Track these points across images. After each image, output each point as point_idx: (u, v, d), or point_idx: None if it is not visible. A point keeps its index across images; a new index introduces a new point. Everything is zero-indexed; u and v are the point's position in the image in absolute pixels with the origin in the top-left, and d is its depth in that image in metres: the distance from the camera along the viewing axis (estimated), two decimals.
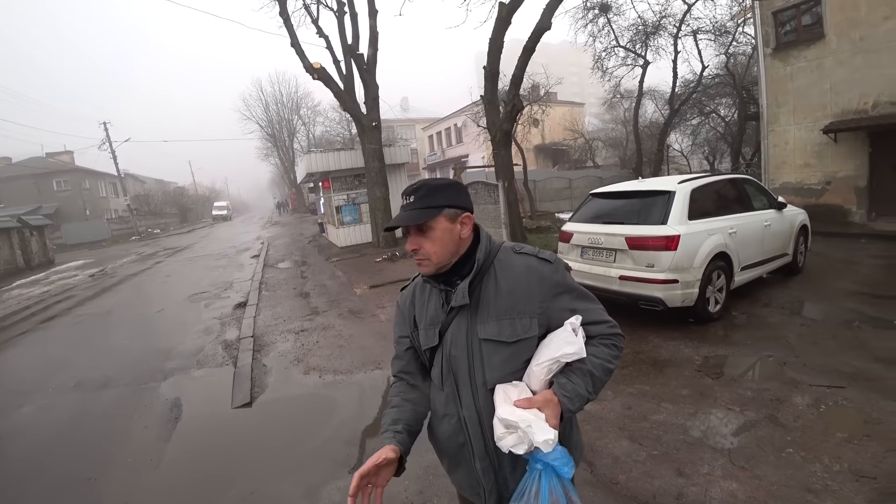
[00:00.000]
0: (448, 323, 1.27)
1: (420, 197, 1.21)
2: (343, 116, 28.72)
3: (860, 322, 4.56)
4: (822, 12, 9.98)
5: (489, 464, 1.23)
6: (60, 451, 3.72)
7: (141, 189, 45.96)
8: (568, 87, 45.19)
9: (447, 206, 1.22)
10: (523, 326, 1.20)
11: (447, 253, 1.23)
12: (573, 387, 1.15)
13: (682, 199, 4.83)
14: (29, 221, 20.17)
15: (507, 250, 1.31)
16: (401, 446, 1.20)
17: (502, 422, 1.11)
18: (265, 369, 5.00)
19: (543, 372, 1.17)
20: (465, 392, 1.24)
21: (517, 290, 1.22)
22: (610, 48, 17.43)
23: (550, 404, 1.12)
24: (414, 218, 1.20)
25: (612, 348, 1.24)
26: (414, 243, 1.22)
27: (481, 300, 1.23)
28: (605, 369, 1.20)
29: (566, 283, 1.26)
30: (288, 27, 12.19)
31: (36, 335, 7.72)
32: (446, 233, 1.22)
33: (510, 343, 1.20)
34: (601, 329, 1.25)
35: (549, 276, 1.24)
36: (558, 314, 1.22)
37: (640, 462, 2.74)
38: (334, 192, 14.78)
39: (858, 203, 10.03)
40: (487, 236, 1.31)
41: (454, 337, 1.25)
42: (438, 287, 1.30)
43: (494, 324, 1.21)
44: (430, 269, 1.24)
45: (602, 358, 1.21)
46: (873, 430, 2.81)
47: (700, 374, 3.79)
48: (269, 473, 3.07)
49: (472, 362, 1.23)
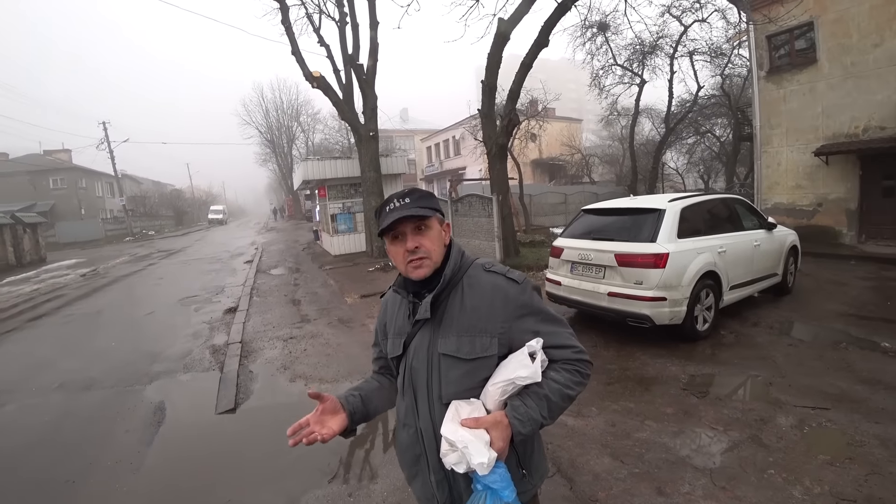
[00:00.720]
0: (413, 334, 1.28)
1: (416, 199, 1.23)
2: (342, 125, 28.82)
3: (847, 343, 4.60)
4: (816, 38, 10.21)
5: (444, 477, 1.22)
6: (41, 451, 3.66)
7: (138, 190, 45.79)
8: (566, 104, 45.63)
9: (437, 210, 1.26)
10: (482, 345, 1.20)
11: (441, 254, 1.25)
12: (526, 410, 1.14)
13: (671, 217, 4.87)
14: (23, 218, 20.03)
15: (478, 267, 1.30)
16: (348, 406, 1.30)
17: (445, 439, 1.11)
18: (251, 375, 4.96)
19: (498, 392, 1.16)
20: (423, 404, 1.25)
21: (480, 308, 1.22)
22: (607, 66, 17.62)
23: (499, 426, 1.11)
24: (421, 211, 1.21)
25: (574, 374, 1.22)
26: (414, 241, 1.21)
27: (445, 315, 1.24)
28: (563, 395, 1.18)
29: (532, 304, 1.25)
30: (289, 35, 12.28)
31: (22, 333, 7.63)
32: (439, 235, 1.26)
33: (468, 360, 1.20)
34: (565, 354, 1.23)
35: (515, 296, 1.24)
36: (521, 335, 1.21)
37: (620, 480, 2.73)
38: (330, 201, 14.81)
39: (849, 225, 10.15)
40: (459, 252, 1.31)
41: (417, 349, 1.26)
42: (408, 298, 1.31)
43: (454, 339, 1.21)
44: (428, 270, 1.23)
45: (561, 383, 1.19)
46: (856, 452, 2.82)
47: (686, 393, 3.79)
48: (248, 481, 3.04)
49: (431, 376, 1.23)
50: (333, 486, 2.92)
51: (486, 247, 9.69)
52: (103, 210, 38.89)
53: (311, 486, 2.92)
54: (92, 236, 31.52)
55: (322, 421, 1.24)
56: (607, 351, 4.85)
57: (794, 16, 9.88)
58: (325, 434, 1.22)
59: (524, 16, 9.39)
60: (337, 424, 1.26)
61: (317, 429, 1.21)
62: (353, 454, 3.30)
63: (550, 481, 2.74)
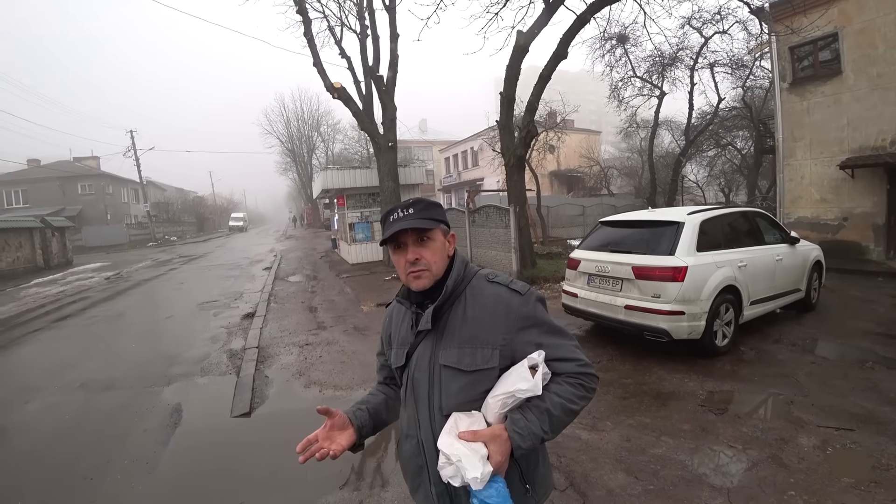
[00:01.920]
0: (416, 345, 1.27)
1: (420, 209, 1.22)
2: (362, 135, 29.23)
3: (873, 362, 4.45)
4: (840, 49, 10.03)
5: (444, 489, 1.20)
6: (61, 448, 3.76)
7: (161, 196, 46.96)
8: (585, 115, 45.49)
9: (442, 221, 1.25)
10: (483, 357, 1.18)
11: (443, 266, 1.24)
12: (526, 423, 1.11)
13: (690, 230, 4.81)
14: (51, 222, 20.73)
15: (482, 277, 1.28)
16: (356, 421, 1.32)
17: (441, 452, 1.10)
18: (267, 380, 5.02)
19: (498, 405, 1.14)
20: (424, 416, 1.24)
21: (482, 320, 1.20)
22: (627, 78, 17.57)
23: (498, 439, 1.08)
24: (422, 223, 1.20)
25: (577, 388, 1.18)
26: (414, 253, 1.20)
27: (447, 326, 1.23)
28: (565, 409, 1.15)
29: (535, 316, 1.22)
30: (311, 47, 12.55)
31: (48, 333, 7.85)
32: (442, 247, 1.25)
33: (468, 372, 1.18)
34: (569, 367, 1.20)
35: (517, 308, 1.21)
36: (523, 347, 1.18)
37: (634, 496, 2.68)
38: (348, 210, 14.99)
39: (876, 240, 9.86)
40: (463, 262, 1.30)
41: (419, 360, 1.26)
42: (411, 309, 1.31)
43: (455, 351, 1.20)
44: (428, 282, 1.22)
45: (564, 397, 1.15)
46: (882, 476, 2.72)
47: (703, 409, 3.71)
48: (261, 485, 3.06)
49: (432, 387, 1.22)
50: (345, 492, 2.93)
51: (502, 258, 9.67)
52: (128, 215, 39.98)
53: (322, 491, 2.93)
54: (116, 241, 32.44)
55: (331, 437, 1.26)
56: (623, 365, 4.78)
57: (818, 27, 9.73)
58: (334, 449, 1.23)
59: (543, 28, 9.47)
60: (346, 440, 1.27)
61: (326, 444, 1.23)
62: (365, 462, 3.30)
63: (563, 496, 2.70)
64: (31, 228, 19.19)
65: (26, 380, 5.51)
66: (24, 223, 19.31)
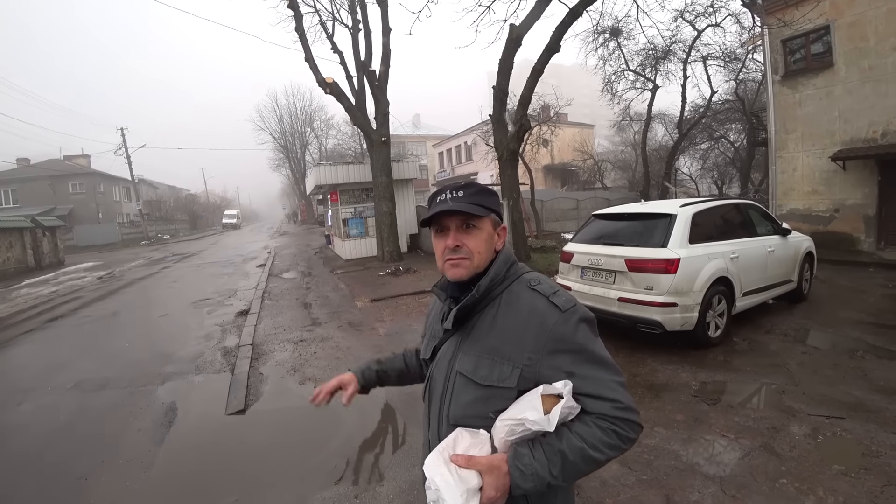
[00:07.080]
0: (443, 342, 1.19)
1: (471, 194, 1.10)
2: (355, 131, 29.11)
3: (863, 351, 4.50)
4: (832, 41, 10.07)
5: None
6: (55, 449, 3.73)
7: (153, 194, 46.59)
8: (579, 109, 45.55)
9: (494, 211, 1.14)
10: (501, 373, 1.03)
11: (487, 258, 1.12)
12: (532, 462, 0.94)
13: (683, 222, 4.83)
14: (42, 222, 20.54)
15: (524, 282, 1.12)
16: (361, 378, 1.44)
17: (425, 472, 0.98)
18: (261, 377, 5.01)
19: (505, 430, 0.98)
20: (434, 418, 1.16)
21: (509, 332, 1.05)
22: (620, 72, 17.61)
23: (495, 472, 0.94)
24: (470, 208, 1.07)
25: (609, 434, 0.97)
26: (456, 239, 1.08)
27: (474, 330, 1.11)
28: (585, 456, 0.95)
29: (573, 339, 1.03)
30: (303, 42, 12.45)
31: (40, 334, 7.79)
32: (489, 238, 1.12)
33: (481, 385, 1.05)
34: (603, 407, 0.99)
35: (553, 326, 1.03)
36: (550, 374, 1.00)
37: (628, 486, 2.70)
38: (342, 205, 14.93)
39: (867, 231, 9.95)
40: (507, 261, 1.15)
41: (441, 359, 1.17)
42: (445, 302, 1.20)
43: (474, 359, 1.08)
44: (466, 272, 1.09)
45: (588, 442, 0.96)
46: (871, 463, 2.76)
47: (696, 400, 3.74)
48: (256, 481, 3.06)
49: (446, 391, 1.12)
50: (340, 487, 2.93)
51: None
52: (120, 214, 39.65)
53: (318, 487, 2.94)
54: (109, 240, 32.19)
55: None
56: (617, 357, 4.75)
57: (810, 20, 9.77)
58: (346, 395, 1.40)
59: (535, 21, 9.44)
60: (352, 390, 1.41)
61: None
62: (361, 456, 3.31)
63: None
64: (22, 228, 18.99)
65: (19, 381, 5.47)
66: (14, 223, 19.11)
